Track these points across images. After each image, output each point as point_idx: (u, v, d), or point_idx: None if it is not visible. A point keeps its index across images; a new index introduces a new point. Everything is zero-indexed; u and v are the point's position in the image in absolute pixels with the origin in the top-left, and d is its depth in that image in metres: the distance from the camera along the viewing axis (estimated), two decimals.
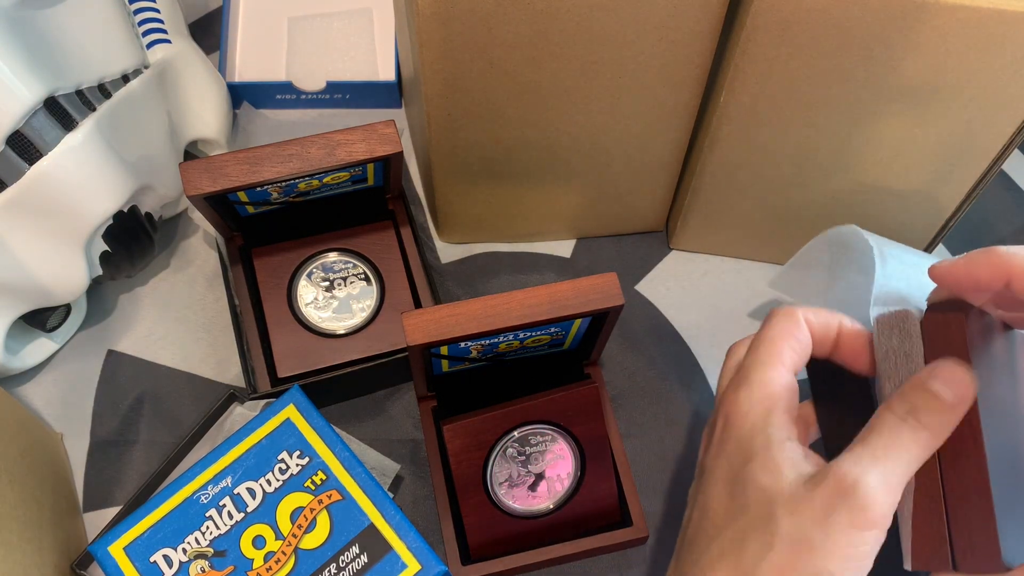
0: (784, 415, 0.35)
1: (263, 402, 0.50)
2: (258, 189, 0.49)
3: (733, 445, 0.35)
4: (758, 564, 0.32)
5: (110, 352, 0.56)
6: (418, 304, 0.55)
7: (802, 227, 0.55)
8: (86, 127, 0.46)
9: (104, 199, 0.48)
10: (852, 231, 0.47)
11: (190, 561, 0.43)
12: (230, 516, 0.44)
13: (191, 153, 0.60)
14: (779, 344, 0.37)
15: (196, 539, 0.43)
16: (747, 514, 0.33)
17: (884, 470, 0.32)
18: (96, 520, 0.52)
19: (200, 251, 0.59)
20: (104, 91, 0.49)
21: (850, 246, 0.48)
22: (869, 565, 0.32)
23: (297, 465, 0.45)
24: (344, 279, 0.55)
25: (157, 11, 0.56)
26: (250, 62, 0.64)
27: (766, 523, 0.33)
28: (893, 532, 0.33)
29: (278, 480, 0.44)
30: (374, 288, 0.55)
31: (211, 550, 0.43)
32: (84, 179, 0.46)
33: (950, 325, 0.34)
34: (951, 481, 0.33)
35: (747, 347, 0.39)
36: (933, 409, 0.32)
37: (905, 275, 0.45)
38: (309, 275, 0.55)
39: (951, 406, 0.32)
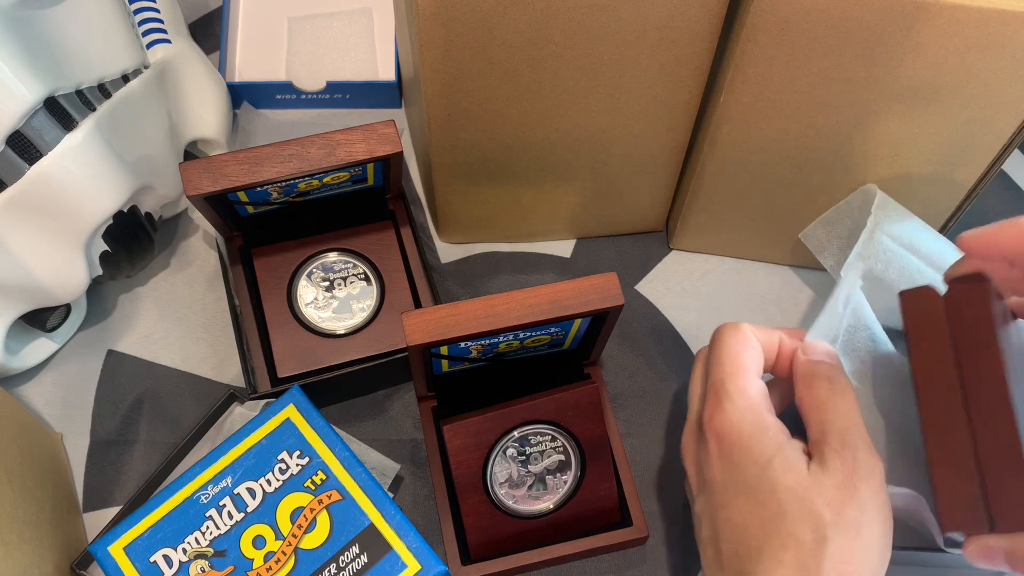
0: (772, 415, 0.37)
1: (263, 402, 0.50)
2: (258, 189, 0.49)
3: (739, 456, 0.36)
4: (821, 560, 0.34)
5: (110, 352, 0.56)
6: (418, 304, 0.55)
7: (802, 227, 0.55)
8: (86, 127, 0.46)
9: (104, 199, 0.48)
10: (872, 192, 0.50)
11: (190, 561, 0.43)
12: (230, 516, 0.44)
13: (191, 153, 0.60)
14: (740, 354, 0.39)
15: (196, 539, 0.43)
16: (786, 518, 0.34)
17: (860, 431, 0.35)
18: (96, 520, 0.52)
19: (200, 251, 0.59)
20: (104, 91, 0.49)
21: (870, 207, 0.50)
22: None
23: (297, 465, 0.45)
24: (344, 279, 0.55)
25: (157, 11, 0.56)
26: (250, 62, 0.64)
27: (810, 519, 0.34)
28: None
29: (278, 480, 0.44)
30: (374, 288, 0.55)
31: (211, 550, 0.43)
32: (84, 179, 0.46)
33: (974, 294, 0.35)
34: (984, 444, 0.34)
35: (701, 368, 0.41)
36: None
37: (887, 257, 0.47)
38: (309, 275, 0.55)
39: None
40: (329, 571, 0.43)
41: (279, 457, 0.45)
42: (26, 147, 0.45)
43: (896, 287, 0.48)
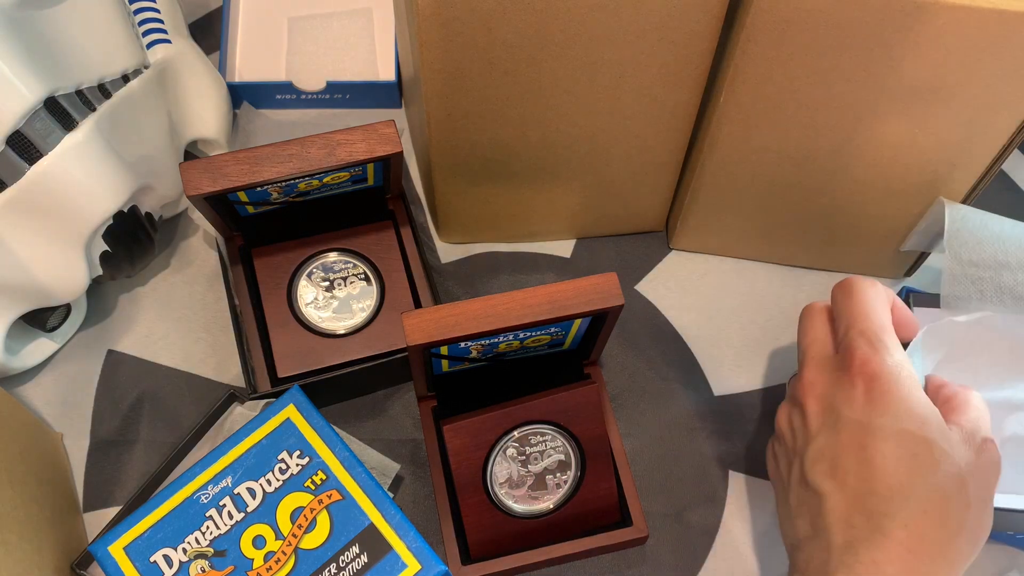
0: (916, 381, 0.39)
1: (263, 402, 0.50)
2: (258, 189, 0.49)
3: (895, 404, 0.38)
4: (961, 522, 0.36)
5: (110, 352, 0.56)
6: (418, 304, 0.55)
7: (802, 227, 0.55)
8: (86, 127, 0.46)
9: (104, 199, 0.48)
10: (941, 211, 0.50)
11: (190, 561, 0.43)
12: (230, 516, 0.44)
13: (191, 153, 0.60)
14: (886, 312, 0.40)
15: (196, 539, 0.43)
16: (937, 473, 0.36)
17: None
18: (96, 520, 0.52)
19: (200, 251, 0.59)
20: (104, 91, 0.49)
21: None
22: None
23: (297, 465, 0.45)
24: (344, 279, 0.55)
25: (157, 11, 0.56)
26: (250, 62, 0.64)
27: (960, 488, 0.36)
28: None
29: (278, 480, 0.44)
30: (374, 288, 0.55)
31: (211, 550, 0.43)
32: (84, 179, 0.46)
33: None
34: None
35: (823, 316, 0.43)
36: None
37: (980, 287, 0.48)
38: (309, 275, 0.55)
39: None
40: (329, 571, 0.43)
41: (279, 457, 0.45)
42: (26, 147, 0.45)
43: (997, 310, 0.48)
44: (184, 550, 0.43)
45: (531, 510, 0.50)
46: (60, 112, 0.45)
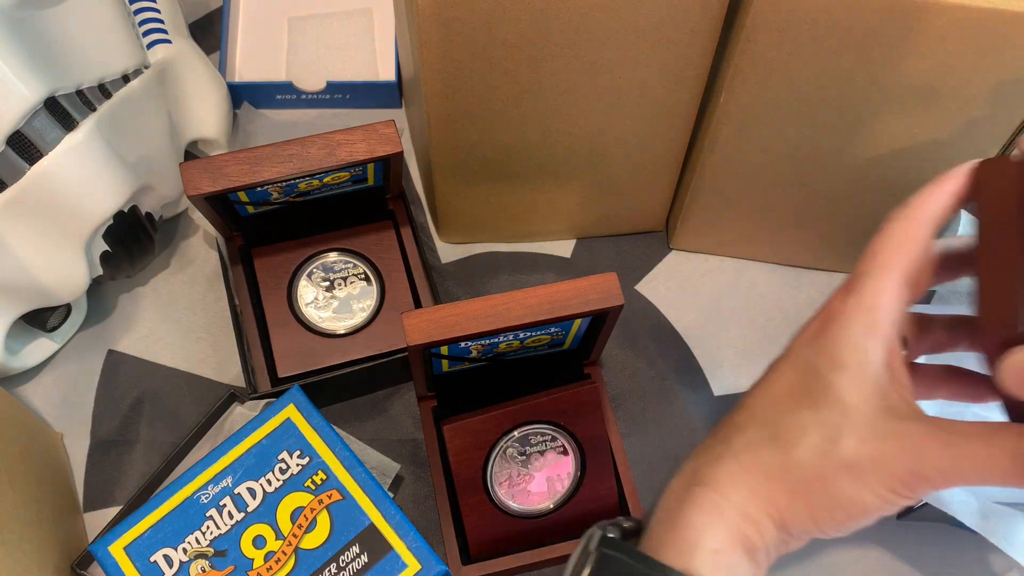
0: (887, 332, 0.34)
1: (263, 402, 0.50)
2: (258, 189, 0.49)
3: (826, 343, 0.34)
4: (805, 468, 0.32)
5: (110, 352, 0.56)
6: (418, 304, 0.55)
7: (802, 227, 0.55)
8: (86, 127, 0.46)
9: (104, 199, 0.48)
10: None
11: (190, 561, 0.43)
12: (230, 516, 0.44)
13: (191, 153, 0.60)
14: (892, 252, 0.35)
15: (196, 539, 0.43)
16: (818, 414, 0.33)
17: (959, 457, 0.31)
18: (96, 520, 0.52)
19: (200, 251, 0.59)
20: (104, 91, 0.49)
21: None
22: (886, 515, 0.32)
23: (297, 465, 0.45)
24: (344, 279, 0.55)
25: (157, 11, 0.56)
26: (250, 62, 0.64)
27: (834, 436, 0.32)
28: None
29: (278, 480, 0.44)
30: (374, 288, 0.55)
31: (211, 550, 0.43)
32: (84, 179, 0.46)
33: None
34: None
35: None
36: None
37: None
38: (309, 275, 0.55)
39: None
40: (329, 571, 0.43)
41: (279, 457, 0.45)
42: (26, 147, 0.45)
43: None
44: (184, 550, 0.43)
45: (531, 510, 0.50)
46: (60, 112, 0.45)
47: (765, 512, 0.32)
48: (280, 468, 0.45)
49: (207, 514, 0.44)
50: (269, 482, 0.44)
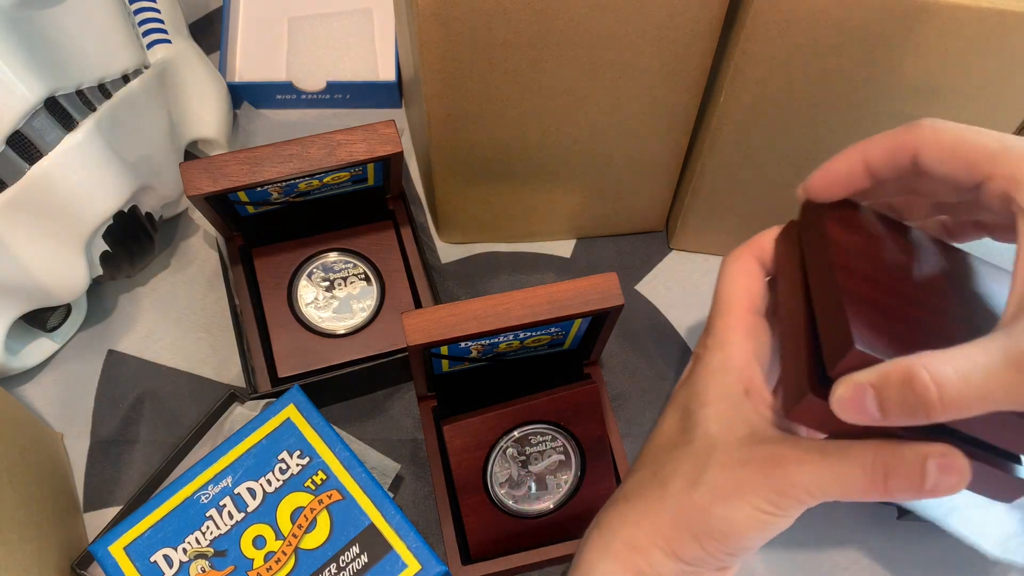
0: (741, 363, 0.36)
1: (263, 402, 0.50)
2: (258, 189, 0.49)
3: (693, 383, 0.37)
4: (679, 498, 0.34)
5: (110, 352, 0.56)
6: (418, 304, 0.55)
7: None
8: (86, 127, 0.46)
9: (104, 199, 0.48)
10: None
11: (190, 561, 0.43)
12: (230, 516, 0.44)
13: (191, 153, 0.60)
14: (732, 291, 0.38)
15: (196, 539, 0.43)
16: (690, 448, 0.35)
17: (818, 474, 0.32)
18: (96, 520, 0.52)
19: (200, 251, 0.59)
20: (104, 91, 0.49)
21: None
22: (773, 534, 0.34)
23: (297, 465, 0.45)
24: (344, 279, 0.55)
25: (157, 11, 0.56)
26: (250, 62, 0.64)
27: (702, 465, 0.34)
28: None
29: (278, 480, 0.44)
30: (374, 288, 0.55)
31: (211, 550, 0.43)
32: (84, 179, 0.46)
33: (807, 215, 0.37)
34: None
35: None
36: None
37: None
38: (309, 275, 0.55)
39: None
40: (329, 571, 0.43)
41: (279, 457, 0.45)
42: (26, 147, 0.45)
43: None
44: (184, 550, 0.43)
45: (531, 510, 0.50)
46: (60, 112, 0.45)
47: (653, 543, 0.35)
48: (280, 468, 0.45)
49: (207, 514, 0.44)
50: (269, 482, 0.44)
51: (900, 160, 0.34)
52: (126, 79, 0.51)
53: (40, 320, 0.53)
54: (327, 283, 0.55)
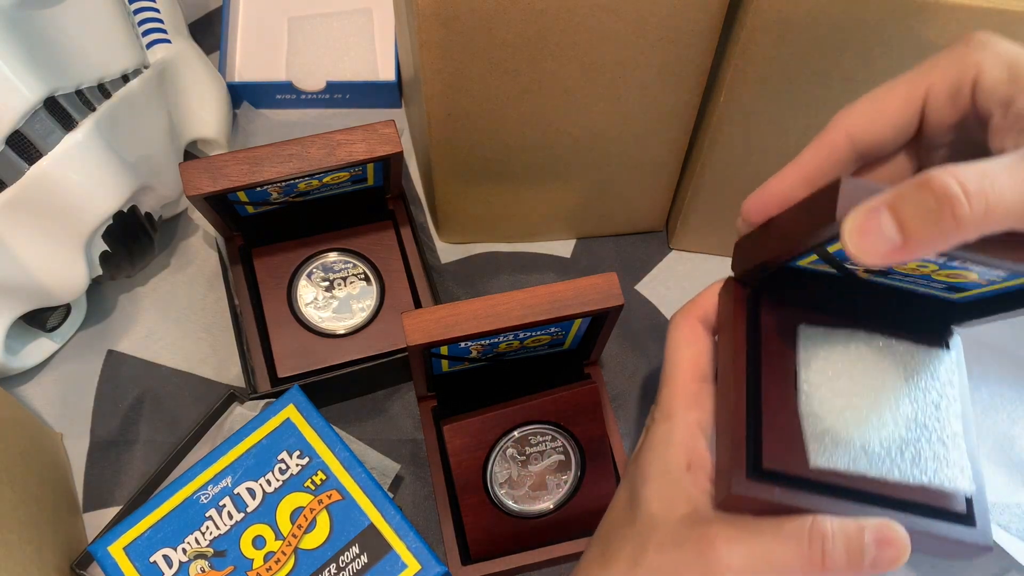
0: (683, 437, 0.35)
1: (263, 402, 0.50)
2: (258, 189, 0.49)
3: (639, 459, 0.36)
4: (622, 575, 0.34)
5: (110, 352, 0.56)
6: (418, 304, 0.55)
7: None
8: (86, 127, 0.46)
9: (104, 199, 0.48)
10: None
11: (190, 561, 0.43)
12: (230, 516, 0.44)
13: (191, 153, 0.60)
14: (676, 360, 0.37)
15: (196, 539, 0.43)
16: (633, 528, 0.34)
17: (751, 554, 0.31)
18: (96, 520, 0.52)
19: (200, 251, 0.59)
20: (104, 91, 0.49)
21: None
22: None
23: (297, 465, 0.45)
24: (344, 279, 0.55)
25: (157, 11, 0.56)
26: (250, 62, 0.64)
27: (642, 547, 0.33)
28: None
29: (278, 480, 0.44)
30: (374, 288, 0.55)
31: (211, 550, 0.43)
32: (84, 179, 0.46)
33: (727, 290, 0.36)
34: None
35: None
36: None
37: None
38: (309, 275, 0.55)
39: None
40: (329, 571, 0.43)
41: (279, 457, 0.45)
42: (26, 147, 0.45)
43: None
44: (184, 550, 0.43)
45: (531, 510, 0.50)
46: (60, 112, 0.45)
47: None
48: (280, 468, 0.45)
49: (207, 514, 0.43)
50: (269, 482, 0.44)
51: (962, 97, 0.30)
52: (126, 79, 0.51)
53: (40, 320, 0.53)
54: (327, 283, 0.55)
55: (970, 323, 0.35)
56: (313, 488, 0.44)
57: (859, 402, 0.34)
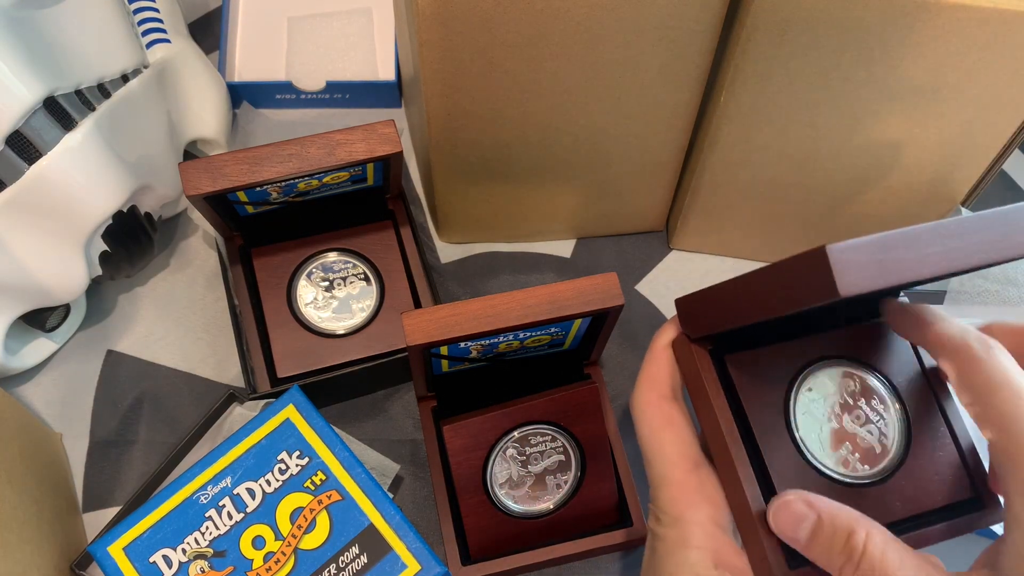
0: (701, 538, 0.33)
1: (263, 402, 0.50)
2: (258, 189, 0.49)
3: (660, 569, 0.34)
4: None
5: (110, 352, 0.56)
6: (418, 304, 0.55)
7: (802, 227, 0.55)
8: (85, 127, 0.46)
9: (104, 199, 0.48)
10: None
11: (190, 561, 0.43)
12: (230, 516, 0.43)
13: (191, 153, 0.60)
14: (661, 448, 0.35)
15: (196, 539, 0.43)
16: None
17: None
18: (96, 520, 0.52)
19: (200, 251, 0.59)
20: (104, 91, 0.49)
21: None
22: None
23: (297, 465, 0.45)
24: (344, 279, 0.55)
25: (157, 11, 0.56)
26: (250, 62, 0.64)
27: None
28: None
29: (278, 480, 0.44)
30: (374, 288, 0.55)
31: (211, 550, 0.43)
32: (84, 179, 0.46)
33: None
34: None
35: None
36: None
37: None
38: (309, 275, 0.55)
39: None
40: (329, 571, 0.43)
41: (279, 457, 0.45)
42: (25, 147, 0.45)
43: None
44: (184, 550, 0.43)
45: (531, 510, 0.50)
46: (59, 112, 0.45)
47: None
48: (279, 468, 0.44)
49: (206, 514, 0.43)
50: (268, 482, 0.44)
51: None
52: (125, 79, 0.51)
53: (39, 320, 0.53)
54: (327, 283, 0.55)
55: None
56: (313, 488, 0.44)
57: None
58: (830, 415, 0.34)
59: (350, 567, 0.43)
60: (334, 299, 0.55)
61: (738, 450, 0.33)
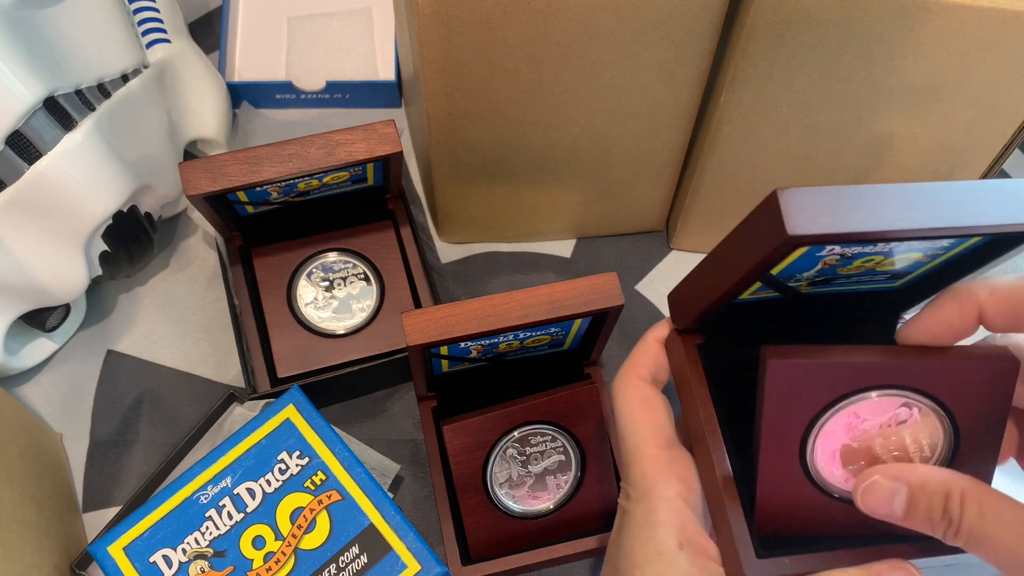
0: (668, 515, 0.33)
1: (263, 402, 0.50)
2: (258, 189, 0.49)
3: (623, 544, 0.34)
4: None
5: (110, 352, 0.56)
6: (418, 304, 0.55)
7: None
8: (85, 127, 0.46)
9: (103, 199, 0.48)
10: None
11: (190, 561, 0.43)
12: (230, 516, 0.43)
13: (191, 153, 0.60)
14: (636, 427, 0.35)
15: (196, 539, 0.43)
16: None
17: None
18: (96, 520, 0.52)
19: (200, 251, 0.59)
20: (104, 91, 0.49)
21: None
22: None
23: (297, 465, 0.45)
24: (344, 279, 0.55)
25: (157, 11, 0.56)
26: (250, 62, 0.64)
27: None
28: None
29: (278, 480, 0.44)
30: (374, 288, 0.55)
31: (211, 550, 0.43)
32: (83, 179, 0.46)
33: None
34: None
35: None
36: None
37: None
38: (309, 275, 0.55)
39: None
40: (329, 571, 0.43)
41: (279, 457, 0.45)
42: (25, 147, 0.45)
43: None
44: (184, 550, 0.43)
45: (531, 510, 0.50)
46: (59, 112, 0.45)
47: None
48: (280, 468, 0.45)
49: (206, 514, 0.43)
50: (268, 482, 0.44)
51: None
52: (125, 79, 0.51)
53: (39, 320, 0.53)
54: (326, 283, 0.55)
55: (915, 305, 0.35)
56: (313, 488, 0.44)
57: None
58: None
59: (350, 567, 0.43)
60: (334, 299, 0.55)
61: (714, 437, 0.32)
